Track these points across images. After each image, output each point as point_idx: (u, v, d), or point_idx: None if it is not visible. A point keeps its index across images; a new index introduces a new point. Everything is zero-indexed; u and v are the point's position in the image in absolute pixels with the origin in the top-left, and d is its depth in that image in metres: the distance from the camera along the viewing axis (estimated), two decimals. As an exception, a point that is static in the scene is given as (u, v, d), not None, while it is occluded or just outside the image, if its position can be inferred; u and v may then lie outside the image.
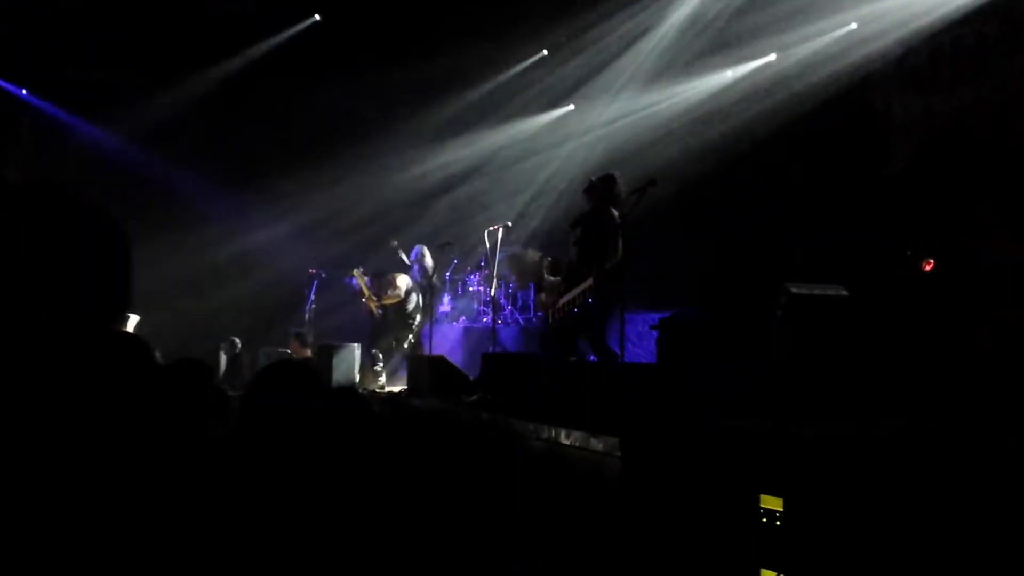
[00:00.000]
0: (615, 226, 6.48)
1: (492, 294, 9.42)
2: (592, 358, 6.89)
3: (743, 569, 2.95)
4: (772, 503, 2.85)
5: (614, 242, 6.45)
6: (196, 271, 11.16)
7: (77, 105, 11.33)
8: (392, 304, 9.69)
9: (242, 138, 11.92)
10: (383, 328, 9.82)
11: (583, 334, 6.75)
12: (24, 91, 11.32)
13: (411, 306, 9.76)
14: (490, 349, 8.73)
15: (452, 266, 12.08)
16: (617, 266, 6.39)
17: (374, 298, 9.77)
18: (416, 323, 9.91)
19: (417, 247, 10.26)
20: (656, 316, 6.92)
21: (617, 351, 6.23)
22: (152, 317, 8.66)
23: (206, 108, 11.79)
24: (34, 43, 10.75)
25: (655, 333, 6.33)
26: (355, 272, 9.96)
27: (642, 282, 7.79)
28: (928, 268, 6.17)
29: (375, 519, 1.64)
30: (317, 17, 11.70)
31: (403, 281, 9.73)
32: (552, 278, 9.52)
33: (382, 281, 9.92)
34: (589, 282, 6.41)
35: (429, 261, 10.15)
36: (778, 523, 2.78)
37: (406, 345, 9.96)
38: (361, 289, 9.90)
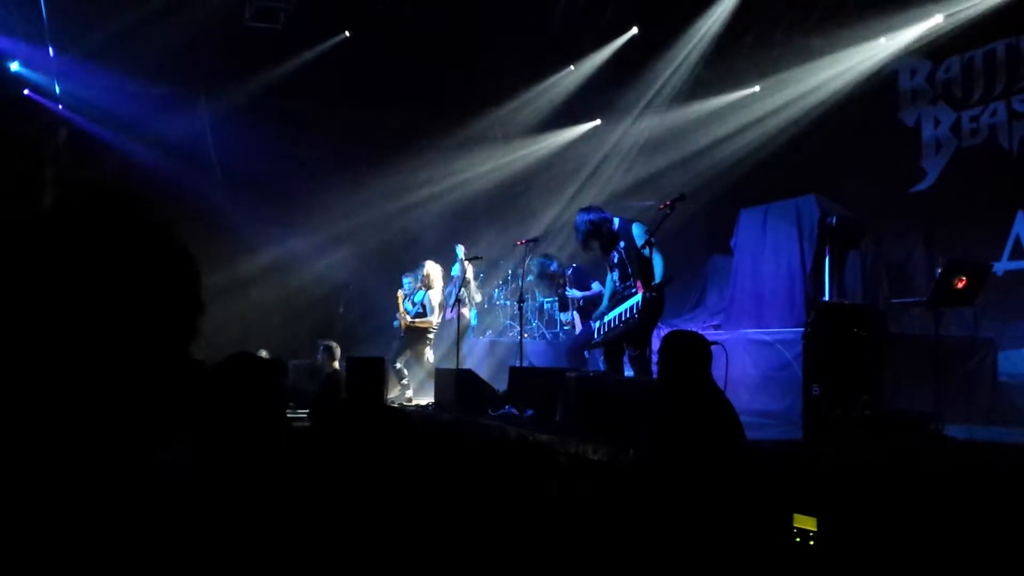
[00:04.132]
0: (648, 244, 6.53)
1: (520, 308, 9.43)
2: (629, 372, 6.92)
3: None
4: (806, 523, 2.84)
5: (655, 253, 6.53)
6: (225, 283, 11.27)
7: (113, 120, 11.51)
8: (423, 325, 9.78)
9: (272, 151, 12.04)
10: (403, 343, 9.90)
11: (629, 347, 6.79)
12: (60, 106, 11.53)
13: (431, 320, 9.81)
14: (517, 363, 8.73)
15: (479, 280, 12.12)
16: (664, 282, 6.45)
17: (407, 318, 9.86)
18: (432, 336, 9.93)
19: (456, 248, 10.20)
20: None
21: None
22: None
23: (237, 122, 11.93)
24: (69, 58, 10.96)
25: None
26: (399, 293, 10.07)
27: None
28: (960, 285, 6.09)
29: (405, 527, 1.66)
30: (347, 34, 11.82)
31: (436, 299, 9.80)
32: (577, 292, 9.53)
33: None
34: (638, 297, 6.46)
35: (468, 269, 10.13)
36: (812, 543, 2.77)
37: (429, 358, 9.97)
38: (399, 305, 10.02)
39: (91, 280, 1.12)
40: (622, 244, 6.77)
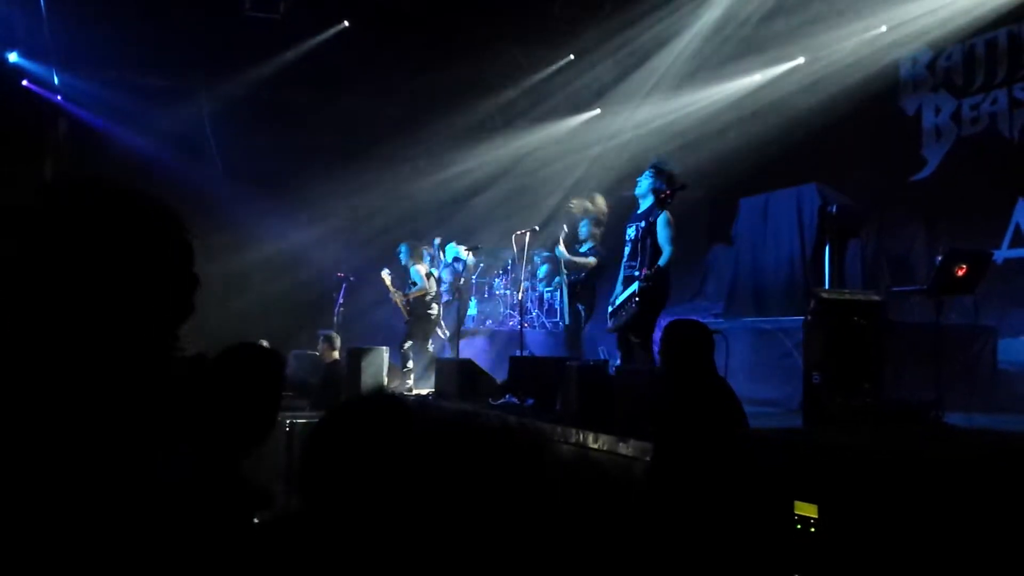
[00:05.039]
0: (668, 227, 6.49)
1: (519, 298, 9.44)
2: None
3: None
4: (807, 510, 2.85)
5: (667, 243, 6.46)
6: (225, 274, 11.27)
7: (112, 110, 11.49)
8: (418, 298, 9.78)
9: (272, 142, 12.03)
10: (409, 326, 9.92)
11: (631, 336, 6.73)
12: (60, 97, 11.51)
13: (429, 296, 9.82)
14: (517, 353, 8.74)
15: (479, 270, 12.12)
16: (666, 268, 6.40)
17: (400, 294, 9.89)
18: (436, 313, 9.92)
19: (450, 246, 10.34)
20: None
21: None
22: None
23: (236, 112, 11.92)
24: (68, 48, 10.93)
25: None
26: (383, 274, 10.11)
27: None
28: (961, 273, 6.09)
29: (406, 520, 1.66)
30: (346, 23, 11.79)
31: (423, 271, 9.84)
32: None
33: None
34: (636, 285, 6.42)
35: (467, 259, 10.23)
36: (813, 530, 2.78)
37: (431, 345, 10.00)
38: (388, 287, 10.06)
39: (72, 264, 1.10)
40: (643, 223, 6.68)
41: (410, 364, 9.64)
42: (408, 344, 9.68)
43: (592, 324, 8.64)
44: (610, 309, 7.04)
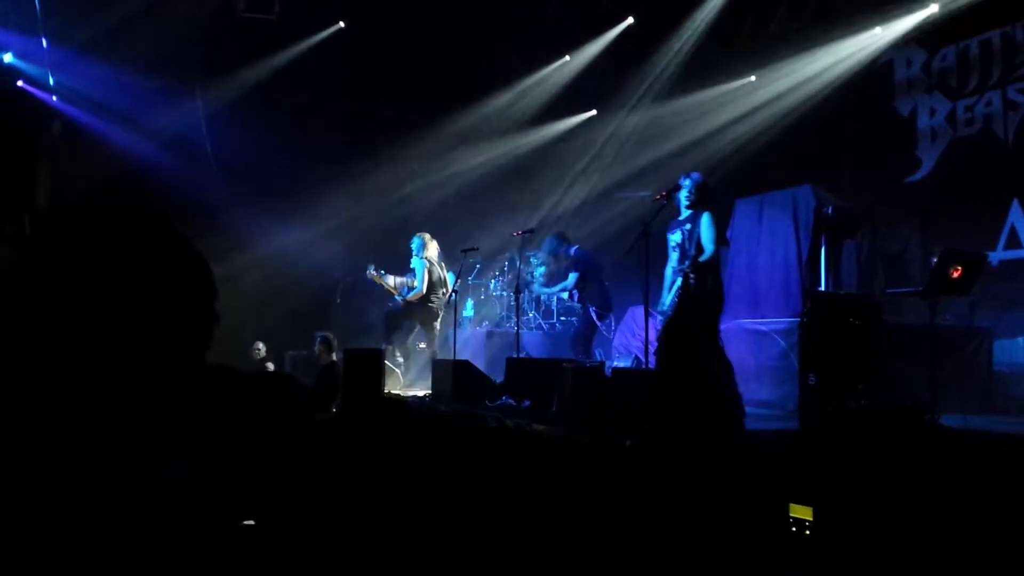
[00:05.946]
0: (711, 226, 6.57)
1: (516, 299, 9.45)
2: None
3: (772, 577, 2.96)
4: (802, 512, 2.86)
5: (710, 243, 6.54)
6: (221, 276, 11.22)
7: (106, 111, 11.46)
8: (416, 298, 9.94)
9: (268, 143, 12.01)
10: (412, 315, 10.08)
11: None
12: (54, 97, 11.48)
13: (427, 290, 9.97)
14: (514, 354, 8.75)
15: (476, 271, 12.11)
16: (713, 266, 6.45)
17: (398, 292, 10.02)
18: (437, 305, 10.02)
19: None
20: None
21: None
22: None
23: (232, 113, 11.90)
24: (63, 48, 10.91)
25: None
26: (370, 273, 10.22)
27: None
28: (956, 275, 6.11)
29: (404, 519, 1.67)
30: (341, 24, 11.78)
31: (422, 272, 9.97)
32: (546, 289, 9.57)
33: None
34: (679, 281, 6.46)
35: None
36: (808, 532, 2.79)
37: (437, 344, 10.07)
38: (381, 285, 10.18)
39: (110, 288, 1.13)
40: (688, 226, 6.73)
41: (401, 364, 9.81)
42: (408, 333, 9.89)
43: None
44: (660, 319, 7.04)
